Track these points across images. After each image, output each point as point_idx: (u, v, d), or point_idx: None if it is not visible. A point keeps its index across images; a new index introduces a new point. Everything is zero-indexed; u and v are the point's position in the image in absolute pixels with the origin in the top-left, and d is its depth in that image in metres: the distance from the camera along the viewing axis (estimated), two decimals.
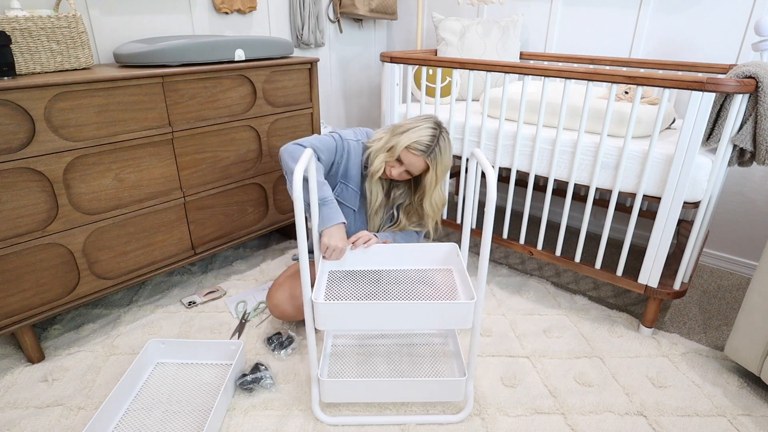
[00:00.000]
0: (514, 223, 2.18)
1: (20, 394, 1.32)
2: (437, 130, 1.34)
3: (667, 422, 1.26)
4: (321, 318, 1.13)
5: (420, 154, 1.32)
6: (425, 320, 1.13)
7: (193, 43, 1.55)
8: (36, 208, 1.31)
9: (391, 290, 1.27)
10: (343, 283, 1.31)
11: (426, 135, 1.32)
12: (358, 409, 1.29)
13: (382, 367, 1.41)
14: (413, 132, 1.32)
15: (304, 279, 1.10)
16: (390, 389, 1.24)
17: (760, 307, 1.30)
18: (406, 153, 1.33)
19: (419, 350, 1.47)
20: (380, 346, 1.49)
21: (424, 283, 1.30)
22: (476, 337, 1.20)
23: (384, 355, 1.45)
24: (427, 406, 1.30)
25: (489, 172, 1.07)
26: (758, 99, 1.31)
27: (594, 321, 1.68)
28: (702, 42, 1.88)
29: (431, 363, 1.42)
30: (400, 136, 1.33)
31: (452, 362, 1.42)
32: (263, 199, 1.92)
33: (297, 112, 1.92)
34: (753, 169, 1.91)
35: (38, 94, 1.25)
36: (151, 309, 1.71)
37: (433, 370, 1.39)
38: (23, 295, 1.35)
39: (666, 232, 1.47)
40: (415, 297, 1.24)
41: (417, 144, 1.31)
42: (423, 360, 1.43)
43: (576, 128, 1.64)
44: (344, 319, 1.13)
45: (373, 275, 1.34)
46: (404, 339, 1.52)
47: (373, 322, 1.13)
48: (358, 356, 1.44)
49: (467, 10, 2.50)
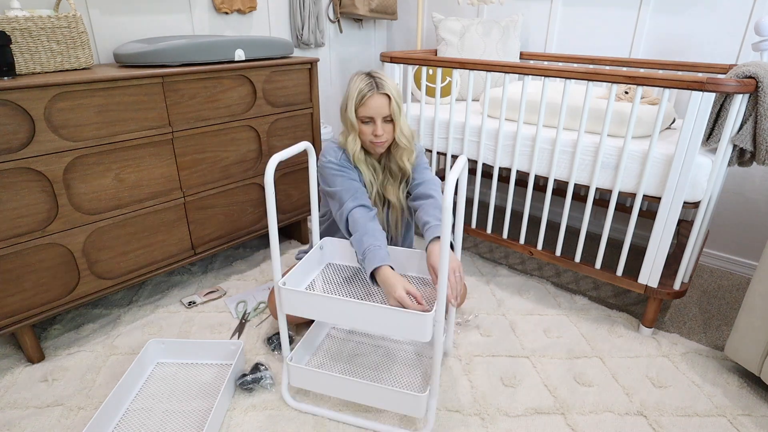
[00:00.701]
0: (514, 223, 2.18)
1: (20, 394, 1.32)
2: (365, 73, 1.36)
3: (667, 422, 1.26)
4: (285, 302, 1.19)
5: (372, 93, 1.32)
6: (384, 326, 1.11)
7: (193, 43, 1.55)
8: (36, 208, 1.31)
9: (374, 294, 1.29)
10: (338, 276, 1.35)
11: (361, 82, 1.34)
12: (328, 402, 1.30)
13: (358, 365, 1.40)
14: (351, 91, 1.35)
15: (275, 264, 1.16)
16: (352, 389, 1.22)
17: (760, 307, 1.30)
18: (364, 106, 1.33)
19: (402, 356, 1.45)
20: (367, 345, 1.49)
21: None
22: (438, 354, 1.13)
23: (367, 354, 1.46)
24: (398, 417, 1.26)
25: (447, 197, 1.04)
26: (758, 99, 1.31)
27: (594, 321, 1.68)
28: (702, 42, 1.88)
29: (409, 372, 1.38)
30: (347, 105, 1.35)
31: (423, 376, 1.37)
32: (263, 199, 1.92)
33: (297, 112, 1.92)
34: (753, 169, 1.91)
35: (38, 94, 1.25)
36: (151, 309, 1.71)
37: (407, 379, 1.35)
38: (23, 295, 1.35)
39: (666, 232, 1.47)
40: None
41: (362, 90, 1.33)
42: (402, 367, 1.41)
43: (576, 128, 1.64)
44: (307, 309, 1.17)
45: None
46: (392, 343, 1.51)
47: (331, 317, 1.16)
48: (343, 351, 1.46)
49: (467, 10, 2.50)
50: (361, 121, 1.36)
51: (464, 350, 1.52)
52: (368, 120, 1.35)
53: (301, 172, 2.02)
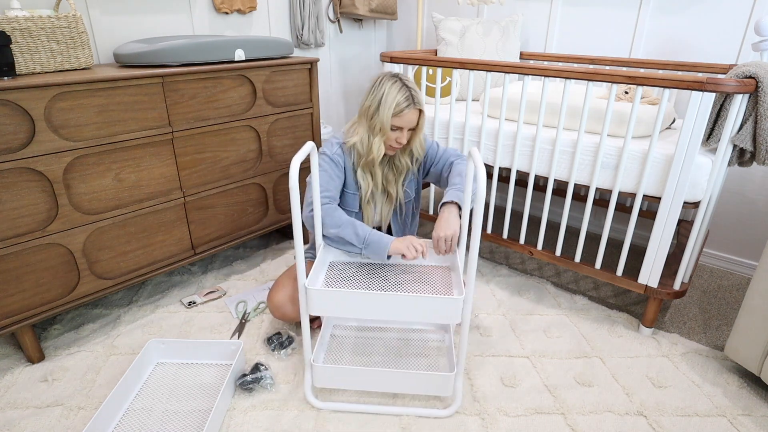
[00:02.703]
0: (514, 223, 2.18)
1: (20, 394, 1.32)
2: (399, 80, 1.35)
3: (667, 422, 1.26)
4: (313, 303, 1.18)
5: (410, 109, 1.34)
6: (415, 313, 1.17)
7: (193, 43, 1.55)
8: (36, 208, 1.31)
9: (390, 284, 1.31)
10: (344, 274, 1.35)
11: (398, 91, 1.34)
12: (350, 397, 1.31)
13: (376, 358, 1.43)
14: (387, 99, 1.34)
15: (300, 266, 1.14)
16: (379, 379, 1.27)
17: (760, 307, 1.30)
18: (399, 117, 1.34)
19: (414, 344, 1.50)
20: (377, 339, 1.51)
21: (422, 282, 1.32)
22: (465, 334, 1.22)
23: (380, 346, 1.47)
24: (416, 400, 1.32)
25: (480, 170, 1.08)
26: (758, 99, 1.31)
27: (594, 321, 1.68)
28: (702, 42, 1.88)
29: (424, 357, 1.44)
30: (380, 111, 1.35)
31: (444, 358, 1.45)
32: (263, 199, 1.92)
33: (297, 112, 1.92)
34: (753, 169, 1.91)
35: (38, 94, 1.25)
36: (151, 309, 1.71)
37: (425, 364, 1.42)
38: (23, 295, 1.35)
39: (666, 232, 1.47)
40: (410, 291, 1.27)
41: (400, 104, 1.33)
42: (417, 354, 1.45)
43: (576, 128, 1.64)
44: (335, 306, 1.18)
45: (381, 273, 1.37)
46: (401, 333, 1.54)
47: (362, 311, 1.17)
48: (354, 347, 1.47)
49: (467, 10, 2.50)
50: (390, 128, 1.37)
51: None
52: (396, 128, 1.37)
53: (302, 172, 2.02)
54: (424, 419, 1.26)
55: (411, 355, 1.45)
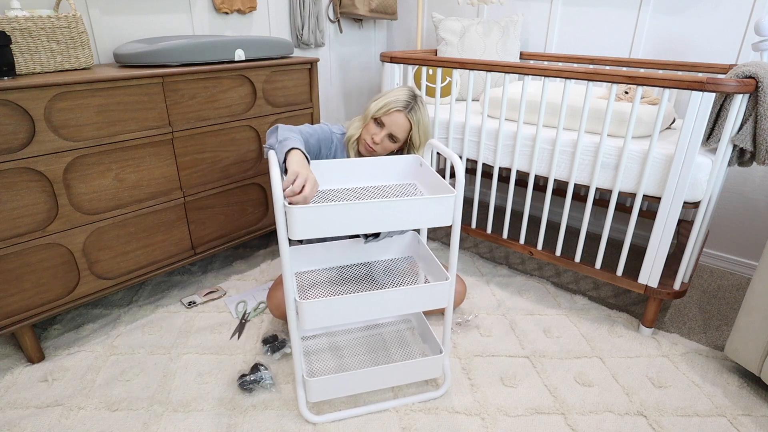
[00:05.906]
0: (514, 223, 2.18)
1: (20, 394, 1.32)
2: (413, 93, 1.37)
3: (667, 422, 1.26)
4: (307, 317, 1.11)
5: (401, 110, 1.33)
6: (409, 304, 1.19)
7: (193, 43, 1.55)
8: (36, 208, 1.31)
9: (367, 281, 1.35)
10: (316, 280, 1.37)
11: (403, 95, 1.35)
12: (342, 404, 1.30)
13: (362, 357, 1.43)
14: (389, 95, 1.36)
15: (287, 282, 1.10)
16: (373, 378, 1.27)
17: (760, 307, 1.30)
18: (387, 114, 1.34)
19: (389, 337, 1.52)
20: (350, 340, 1.50)
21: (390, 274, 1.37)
22: (449, 315, 1.28)
23: (359, 347, 1.47)
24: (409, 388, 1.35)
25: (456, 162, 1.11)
26: (758, 99, 1.31)
27: (594, 321, 1.68)
28: (702, 42, 1.88)
29: (406, 346, 1.48)
30: (376, 101, 1.36)
31: (424, 343, 1.49)
32: (263, 199, 1.92)
33: (297, 112, 1.92)
34: (753, 169, 1.91)
35: (38, 94, 1.25)
36: (151, 309, 1.71)
37: (411, 352, 1.45)
38: (23, 295, 1.35)
39: (666, 232, 1.47)
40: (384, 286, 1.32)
41: (395, 102, 1.33)
42: (397, 344, 1.48)
43: (576, 128, 1.64)
44: (331, 315, 1.13)
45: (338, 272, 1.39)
46: (369, 330, 1.55)
47: (360, 314, 1.16)
48: (334, 354, 1.45)
49: (467, 10, 2.50)
50: (374, 120, 1.37)
51: (464, 350, 1.52)
52: (378, 123, 1.37)
53: None
54: (423, 416, 1.26)
55: (393, 348, 1.47)
